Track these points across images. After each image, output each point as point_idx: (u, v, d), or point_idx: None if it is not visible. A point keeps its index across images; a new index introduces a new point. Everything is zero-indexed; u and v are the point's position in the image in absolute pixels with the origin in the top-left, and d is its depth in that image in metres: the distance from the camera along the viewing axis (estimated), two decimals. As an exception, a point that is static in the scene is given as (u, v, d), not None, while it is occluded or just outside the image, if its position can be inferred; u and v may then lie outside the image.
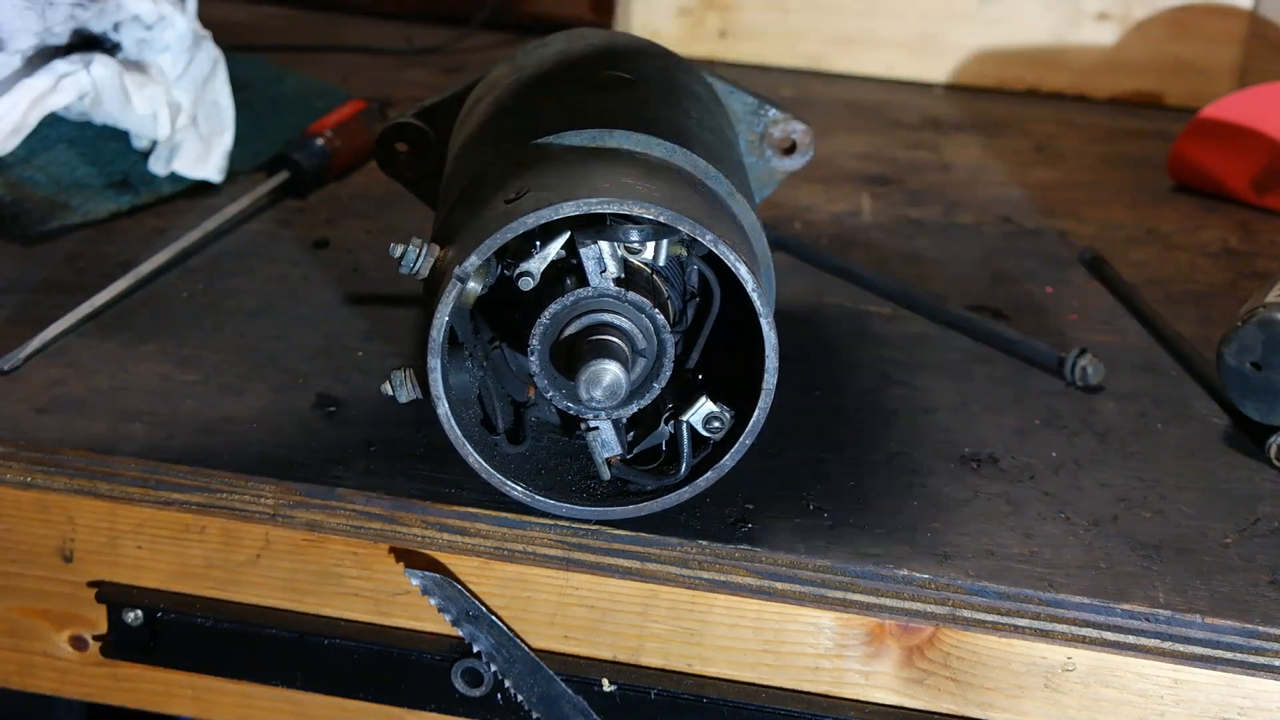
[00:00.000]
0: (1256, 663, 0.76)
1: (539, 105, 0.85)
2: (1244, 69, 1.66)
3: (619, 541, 0.80)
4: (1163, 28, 1.68)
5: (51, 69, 1.17)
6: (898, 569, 0.79)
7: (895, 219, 1.30)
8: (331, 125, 1.30)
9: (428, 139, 1.00)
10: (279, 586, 0.83)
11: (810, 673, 0.79)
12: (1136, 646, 0.77)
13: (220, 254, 1.13)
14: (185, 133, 1.21)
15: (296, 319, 1.03)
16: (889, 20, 1.71)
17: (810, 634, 0.79)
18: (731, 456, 0.78)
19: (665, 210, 0.73)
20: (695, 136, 0.84)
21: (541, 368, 0.77)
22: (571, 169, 0.77)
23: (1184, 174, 1.41)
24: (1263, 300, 0.93)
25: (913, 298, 1.11)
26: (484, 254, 0.74)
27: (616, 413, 0.78)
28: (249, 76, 1.38)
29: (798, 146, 0.99)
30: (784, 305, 1.09)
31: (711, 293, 0.82)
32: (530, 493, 0.79)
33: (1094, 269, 1.20)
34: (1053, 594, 0.78)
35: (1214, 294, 1.18)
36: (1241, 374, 0.93)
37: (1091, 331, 1.10)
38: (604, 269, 0.76)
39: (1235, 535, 0.85)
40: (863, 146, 1.50)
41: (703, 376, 0.84)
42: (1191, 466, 0.92)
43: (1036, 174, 1.45)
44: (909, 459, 0.90)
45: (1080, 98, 1.71)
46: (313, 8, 1.86)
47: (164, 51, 1.22)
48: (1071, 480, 0.89)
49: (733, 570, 0.79)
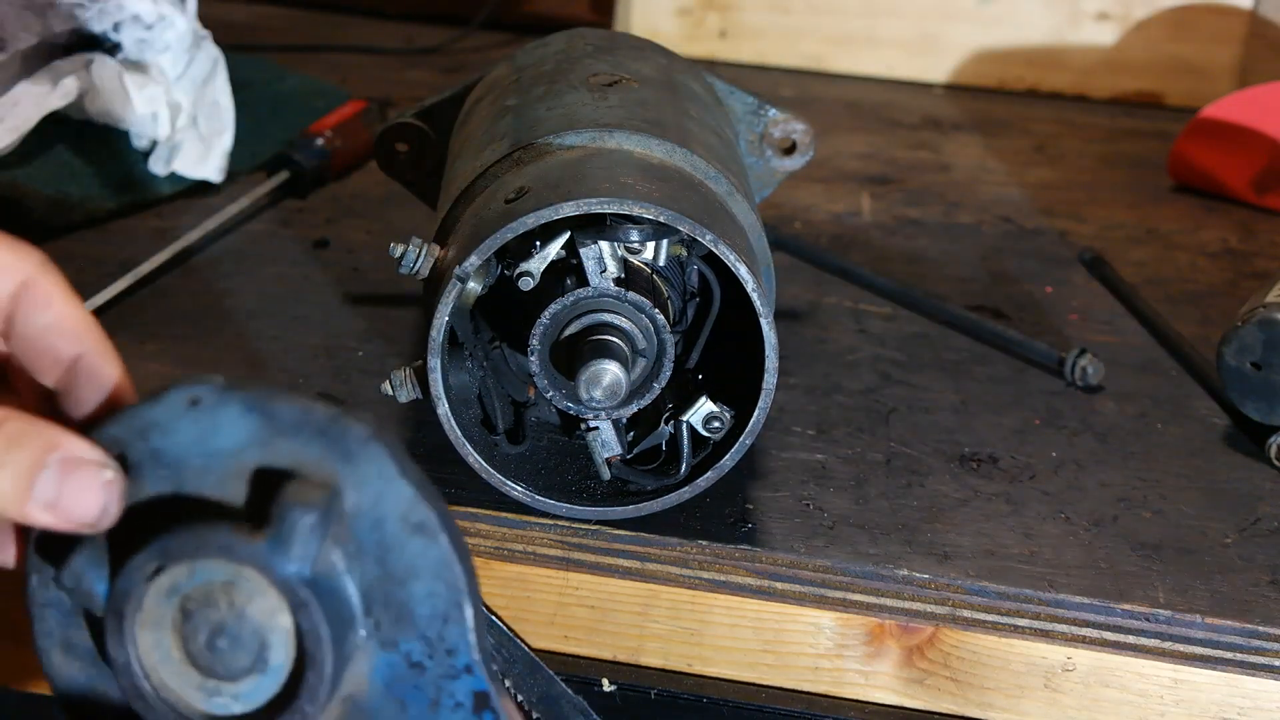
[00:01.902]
0: (1256, 663, 0.76)
1: (539, 105, 0.85)
2: (1244, 69, 1.66)
3: (619, 541, 0.80)
4: (1163, 28, 1.68)
5: (51, 69, 1.17)
6: (898, 569, 0.79)
7: (895, 219, 1.30)
8: (331, 125, 1.30)
9: (428, 139, 1.00)
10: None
11: (810, 673, 0.79)
12: (1136, 646, 0.77)
13: (220, 254, 1.13)
14: (185, 133, 1.21)
15: (296, 319, 1.03)
16: (889, 20, 1.71)
17: (810, 634, 0.79)
18: (731, 456, 0.78)
19: (665, 210, 0.73)
20: (695, 136, 0.84)
21: (541, 368, 0.77)
22: (571, 169, 0.77)
23: (1184, 174, 1.41)
24: (1263, 300, 0.93)
25: (912, 297, 1.11)
26: (484, 254, 0.74)
27: (616, 413, 0.78)
28: (249, 76, 1.38)
29: (798, 146, 0.99)
30: (784, 305, 1.09)
31: (711, 293, 0.82)
32: (530, 493, 0.79)
33: (1094, 269, 1.20)
34: (1053, 594, 0.78)
35: (1214, 294, 1.18)
36: (1241, 374, 0.93)
37: (1091, 331, 1.10)
38: (604, 269, 0.76)
39: (1235, 535, 0.85)
40: (863, 146, 1.50)
41: (703, 376, 0.84)
42: (1191, 466, 0.92)
43: (1036, 174, 1.45)
44: (909, 459, 0.90)
45: (1080, 98, 1.71)
46: (313, 8, 1.86)
47: (164, 51, 1.22)
48: (1071, 480, 0.89)
49: (733, 570, 0.79)
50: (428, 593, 0.57)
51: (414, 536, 0.56)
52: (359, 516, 0.56)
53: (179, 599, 0.55)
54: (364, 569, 0.56)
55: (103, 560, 0.55)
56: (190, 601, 0.55)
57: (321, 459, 0.55)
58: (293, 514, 0.54)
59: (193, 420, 0.56)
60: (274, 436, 0.56)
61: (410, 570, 0.56)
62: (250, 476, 0.56)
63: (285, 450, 0.55)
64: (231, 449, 0.56)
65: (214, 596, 0.55)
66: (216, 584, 0.55)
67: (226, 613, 0.55)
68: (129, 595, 0.55)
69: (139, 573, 0.54)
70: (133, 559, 0.54)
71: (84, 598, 0.55)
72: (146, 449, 0.56)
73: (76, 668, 0.58)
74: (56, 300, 0.57)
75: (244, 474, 0.56)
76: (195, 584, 0.55)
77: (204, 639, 0.55)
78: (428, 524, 0.56)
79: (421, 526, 0.56)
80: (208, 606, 0.55)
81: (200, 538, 0.54)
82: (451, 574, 0.57)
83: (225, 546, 0.54)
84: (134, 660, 0.56)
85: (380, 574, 0.56)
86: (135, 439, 0.56)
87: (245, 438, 0.56)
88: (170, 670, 0.56)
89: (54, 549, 0.56)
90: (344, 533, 0.56)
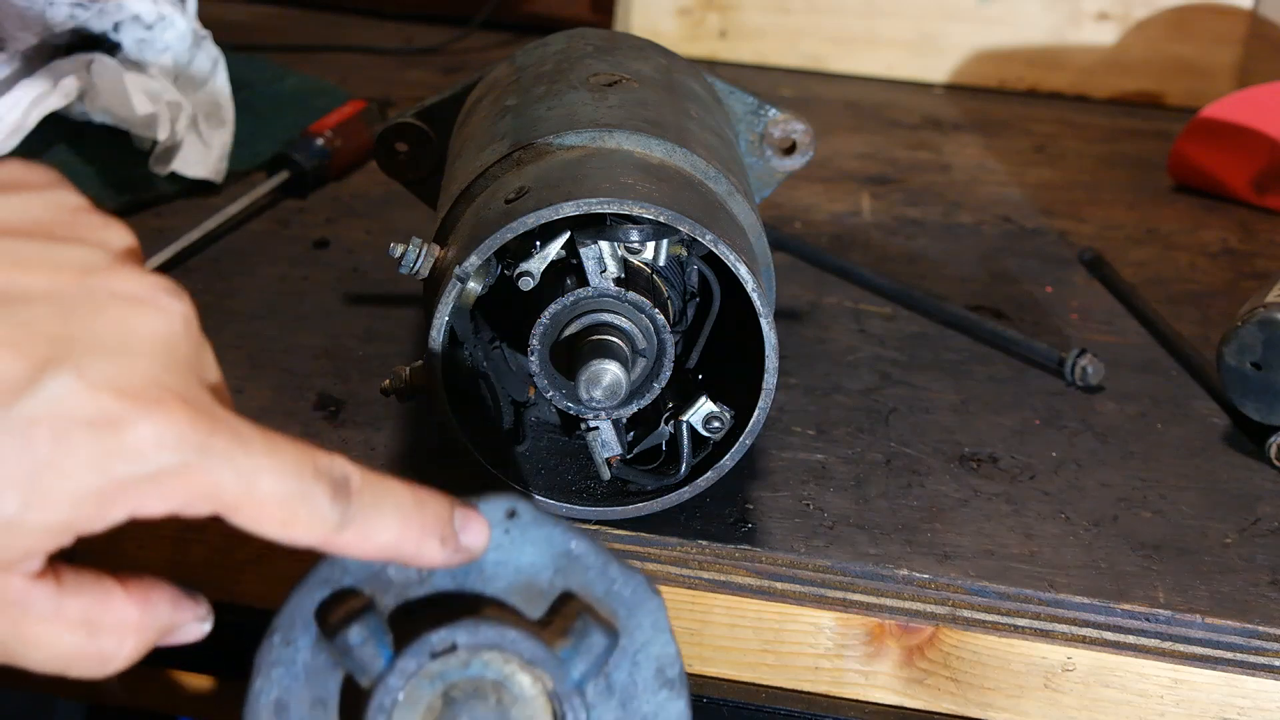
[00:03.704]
0: (1256, 663, 0.76)
1: (539, 105, 0.85)
2: (1244, 69, 1.66)
3: (619, 541, 0.80)
4: (1163, 28, 1.68)
5: (51, 69, 1.17)
6: (898, 569, 0.79)
7: (895, 219, 1.30)
8: (331, 125, 1.30)
9: (428, 139, 1.00)
10: (280, 588, 0.83)
11: (810, 673, 0.79)
12: (1136, 646, 0.77)
13: (220, 254, 1.13)
14: (185, 133, 1.21)
15: (296, 319, 1.03)
16: (889, 20, 1.71)
17: (810, 634, 0.79)
18: (731, 456, 0.78)
19: (665, 210, 0.73)
20: (695, 136, 0.84)
21: (541, 368, 0.77)
22: (571, 169, 0.77)
23: (1184, 174, 1.41)
24: (1263, 300, 0.93)
25: (912, 297, 1.11)
26: (484, 254, 0.74)
27: (616, 413, 0.78)
28: (249, 76, 1.38)
29: (798, 146, 0.99)
30: (784, 305, 1.09)
31: (711, 293, 0.82)
32: (530, 492, 0.79)
33: (1094, 269, 1.20)
34: (1053, 594, 0.78)
35: (1214, 294, 1.18)
36: (1241, 374, 0.93)
37: (1091, 331, 1.10)
38: (604, 269, 0.76)
39: (1235, 535, 0.85)
40: (863, 146, 1.50)
41: (703, 376, 0.84)
42: (1191, 466, 0.92)
43: (1036, 174, 1.45)
44: (909, 459, 0.90)
45: (1080, 98, 1.71)
46: (313, 8, 1.86)
47: (164, 51, 1.22)
48: (1071, 480, 0.89)
49: (733, 570, 0.79)
50: None
51: (662, 689, 0.60)
52: (620, 659, 0.60)
53: (445, 686, 0.57)
54: (607, 708, 0.60)
55: (386, 633, 0.57)
56: (457, 690, 0.57)
57: (607, 598, 0.60)
58: (590, 630, 0.57)
59: (504, 531, 0.59)
60: (572, 566, 0.59)
61: (648, 718, 0.60)
62: (543, 593, 0.59)
63: (579, 581, 0.59)
64: (530, 565, 0.59)
65: (484, 691, 0.57)
66: (489, 681, 0.57)
67: (492, 709, 0.57)
68: (413, 666, 0.56)
69: (430, 647, 0.56)
70: (429, 634, 0.56)
71: (360, 662, 0.56)
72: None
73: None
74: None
75: (536, 590, 0.59)
76: (468, 676, 0.57)
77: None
78: (678, 682, 0.60)
79: (672, 683, 0.60)
80: (474, 699, 0.57)
81: (500, 631, 0.57)
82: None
83: (521, 644, 0.57)
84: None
85: (620, 715, 0.60)
86: None
87: (546, 558, 0.59)
88: None
89: (331, 616, 0.58)
90: (603, 671, 0.59)
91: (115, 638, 0.53)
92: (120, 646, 0.53)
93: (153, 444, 0.49)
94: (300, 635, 0.58)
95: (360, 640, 0.56)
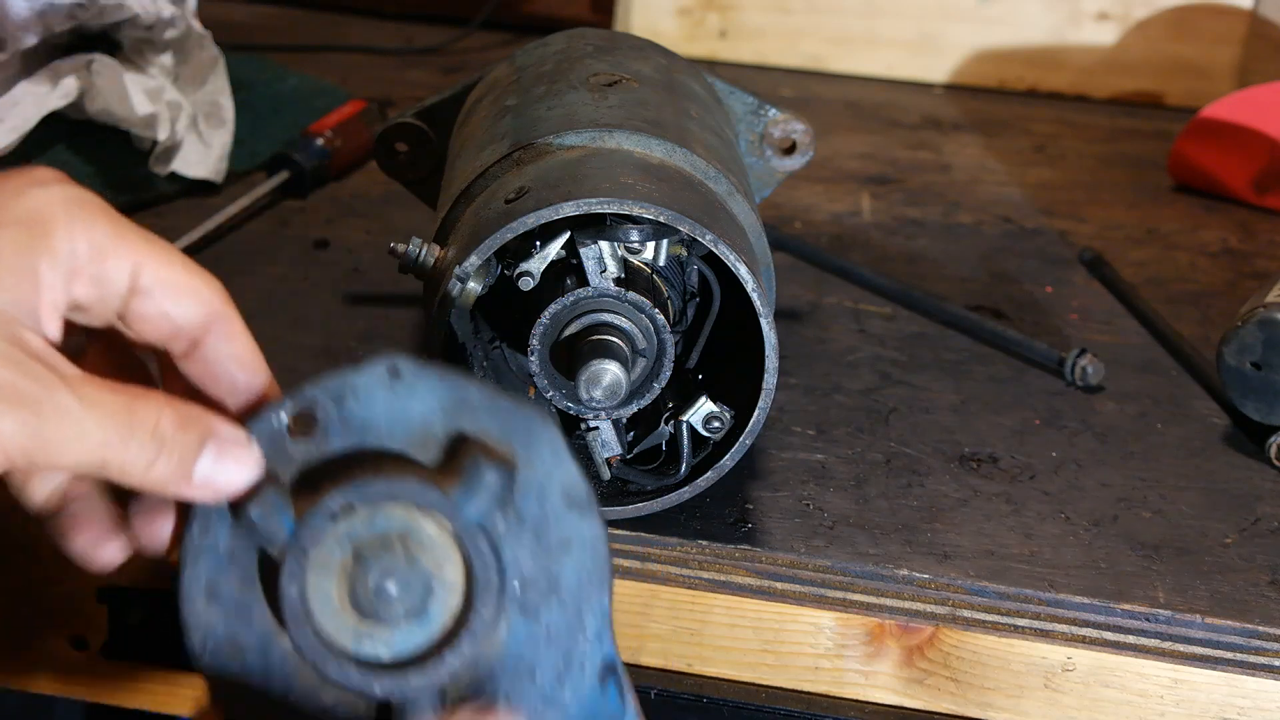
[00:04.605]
0: (1256, 663, 0.76)
1: (539, 105, 0.85)
2: (1244, 69, 1.66)
3: (619, 541, 0.80)
4: (1163, 28, 1.68)
5: (51, 69, 1.17)
6: (898, 569, 0.79)
7: (895, 219, 1.30)
8: (331, 125, 1.30)
9: (428, 139, 1.00)
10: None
11: (810, 673, 0.79)
12: (1136, 646, 0.77)
13: (220, 254, 1.13)
14: (185, 133, 1.21)
15: (296, 319, 1.03)
16: (889, 20, 1.71)
17: (810, 634, 0.79)
18: (731, 456, 0.78)
19: (665, 210, 0.73)
20: (695, 136, 0.84)
21: (541, 368, 0.77)
22: (571, 169, 0.77)
23: (1184, 174, 1.41)
24: (1263, 300, 0.93)
25: (912, 297, 1.11)
26: (484, 254, 0.74)
27: (616, 413, 0.78)
28: (249, 76, 1.38)
29: (798, 146, 0.99)
30: (784, 305, 1.09)
31: (711, 293, 0.82)
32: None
33: (1094, 269, 1.20)
34: (1053, 594, 0.78)
35: (1214, 294, 1.18)
36: (1241, 374, 0.93)
37: (1091, 331, 1.10)
38: (604, 269, 0.76)
39: (1235, 535, 0.85)
40: (863, 146, 1.50)
41: (703, 376, 0.84)
42: (1191, 466, 0.92)
43: (1036, 174, 1.45)
44: (909, 459, 0.90)
45: (1080, 98, 1.71)
46: (313, 8, 1.86)
47: (164, 51, 1.22)
48: (1071, 480, 0.89)
49: (733, 570, 0.79)
50: (576, 565, 0.60)
51: (571, 511, 0.60)
52: (526, 491, 0.60)
53: (353, 545, 0.58)
54: (520, 540, 0.60)
55: (286, 505, 0.58)
56: (365, 548, 0.58)
57: (502, 435, 0.60)
58: (481, 468, 0.58)
59: (389, 388, 0.60)
60: (461, 410, 0.60)
61: (564, 543, 0.60)
62: (437, 440, 0.60)
63: (470, 423, 0.60)
64: (421, 416, 0.60)
65: (390, 543, 0.58)
66: (394, 533, 0.58)
67: (400, 559, 0.58)
68: (316, 531, 0.58)
69: (328, 510, 0.58)
70: (325, 499, 0.58)
71: (265, 536, 0.58)
72: (337, 410, 0.60)
73: (217, 615, 0.60)
74: (240, 334, 0.62)
75: (430, 438, 0.60)
76: (373, 532, 0.58)
77: (373, 583, 0.58)
78: (586, 501, 0.60)
79: (581, 505, 0.60)
80: (383, 552, 0.58)
81: (391, 484, 0.58)
82: (601, 547, 0.61)
83: (415, 492, 0.58)
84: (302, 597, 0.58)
85: (535, 546, 0.60)
86: (328, 400, 0.60)
87: (435, 407, 0.60)
88: (328, 612, 0.58)
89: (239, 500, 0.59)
90: (510, 505, 0.60)
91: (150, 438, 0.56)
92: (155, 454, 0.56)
93: None
94: (216, 523, 0.60)
95: (260, 515, 0.58)
